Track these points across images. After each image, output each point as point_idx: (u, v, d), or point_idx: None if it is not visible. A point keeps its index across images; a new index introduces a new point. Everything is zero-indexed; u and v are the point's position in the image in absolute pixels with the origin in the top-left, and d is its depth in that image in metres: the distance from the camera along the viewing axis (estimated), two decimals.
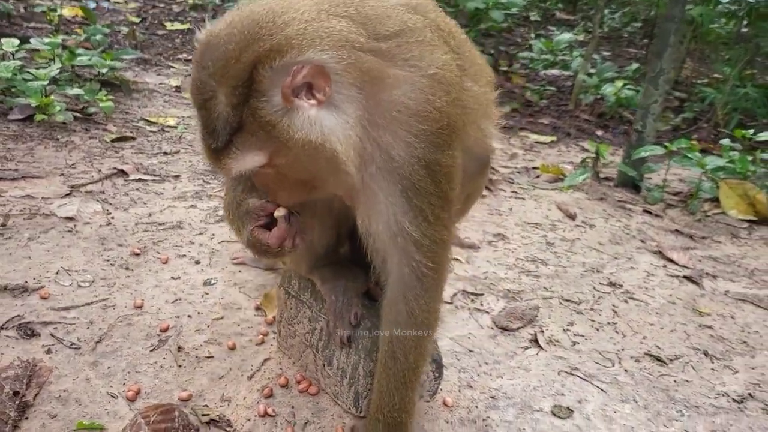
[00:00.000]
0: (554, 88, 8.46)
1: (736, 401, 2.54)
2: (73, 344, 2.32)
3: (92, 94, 4.82)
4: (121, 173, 3.92)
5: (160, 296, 2.71)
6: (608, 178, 5.42)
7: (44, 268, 2.76)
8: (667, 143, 4.95)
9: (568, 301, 3.20)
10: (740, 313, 3.31)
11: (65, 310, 2.51)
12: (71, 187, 3.59)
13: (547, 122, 7.29)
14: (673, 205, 5.01)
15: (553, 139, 6.69)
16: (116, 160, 4.15)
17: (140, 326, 2.49)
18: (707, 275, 3.73)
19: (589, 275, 3.53)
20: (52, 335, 2.34)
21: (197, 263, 3.02)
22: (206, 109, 1.49)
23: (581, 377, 2.56)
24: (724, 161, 4.98)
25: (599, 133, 7.24)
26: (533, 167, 5.60)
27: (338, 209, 2.04)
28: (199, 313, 2.64)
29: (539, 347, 2.74)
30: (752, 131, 5.52)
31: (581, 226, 4.30)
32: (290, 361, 2.40)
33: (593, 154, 5.32)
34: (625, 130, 7.28)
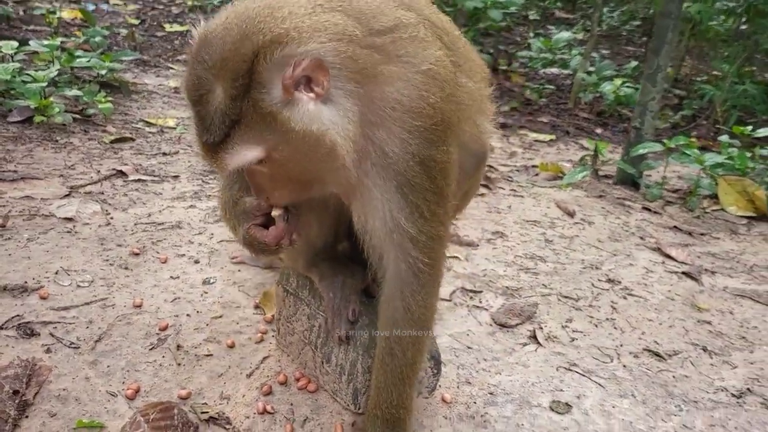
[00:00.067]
0: (553, 86, 8.47)
1: (734, 396, 2.54)
2: (72, 343, 2.33)
3: (91, 95, 4.83)
4: (120, 174, 3.93)
5: (159, 295, 2.72)
6: (607, 175, 5.43)
7: (43, 268, 2.77)
8: (666, 140, 4.96)
9: (566, 297, 3.21)
10: (739, 308, 3.31)
11: (65, 309, 2.52)
12: (70, 187, 3.60)
13: (546, 120, 7.30)
14: (672, 201, 5.01)
15: (552, 137, 6.70)
16: (115, 161, 4.16)
17: (139, 325, 2.50)
18: (706, 271, 3.74)
19: (587, 272, 3.54)
20: (51, 335, 2.35)
21: (196, 263, 3.03)
22: (203, 103, 1.49)
23: (580, 373, 2.57)
24: (722, 158, 4.98)
25: (598, 131, 7.25)
26: (532, 165, 5.61)
27: (335, 206, 2.04)
28: (198, 311, 2.65)
29: (538, 343, 2.75)
30: (751, 128, 5.51)
31: (580, 223, 4.30)
32: (289, 358, 2.40)
33: (592, 151, 5.33)
34: (624, 127, 7.28)
